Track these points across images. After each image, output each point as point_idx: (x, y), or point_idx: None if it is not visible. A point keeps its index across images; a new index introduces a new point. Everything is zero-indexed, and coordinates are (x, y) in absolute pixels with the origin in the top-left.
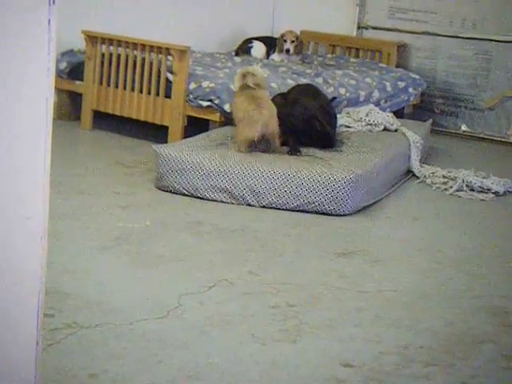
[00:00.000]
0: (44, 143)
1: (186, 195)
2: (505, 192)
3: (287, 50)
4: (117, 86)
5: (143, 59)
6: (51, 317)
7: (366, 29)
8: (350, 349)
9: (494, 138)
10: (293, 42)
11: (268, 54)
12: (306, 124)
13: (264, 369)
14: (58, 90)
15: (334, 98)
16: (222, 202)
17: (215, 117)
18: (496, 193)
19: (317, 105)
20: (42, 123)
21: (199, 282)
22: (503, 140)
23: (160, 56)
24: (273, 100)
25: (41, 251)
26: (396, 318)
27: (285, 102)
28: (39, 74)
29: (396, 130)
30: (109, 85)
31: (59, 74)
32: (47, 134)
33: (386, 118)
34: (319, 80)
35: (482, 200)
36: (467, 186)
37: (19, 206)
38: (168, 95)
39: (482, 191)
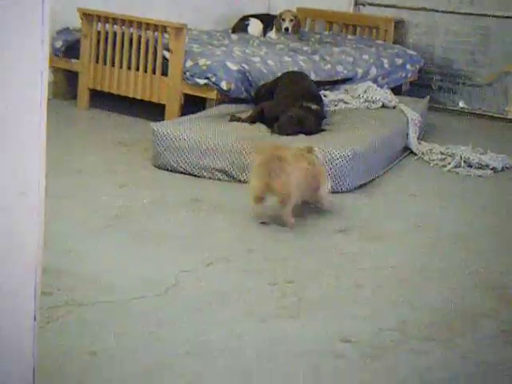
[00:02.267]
0: (39, 116)
1: (184, 173)
2: (502, 168)
3: (286, 29)
4: (113, 65)
5: (139, 37)
6: (49, 295)
7: (363, 5)
8: (349, 325)
9: (492, 115)
10: (291, 21)
11: (265, 32)
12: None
13: (262, 345)
14: (54, 69)
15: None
16: (220, 180)
17: (212, 95)
18: (494, 169)
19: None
20: (37, 96)
21: (197, 259)
22: (501, 116)
23: (156, 34)
24: (258, 92)
25: (37, 227)
26: (394, 294)
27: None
28: (34, 46)
29: (394, 107)
30: (105, 63)
31: (55, 52)
32: (42, 108)
33: (384, 95)
34: (316, 57)
35: (479, 176)
36: (465, 162)
37: (14, 181)
38: (165, 73)
39: (479, 167)
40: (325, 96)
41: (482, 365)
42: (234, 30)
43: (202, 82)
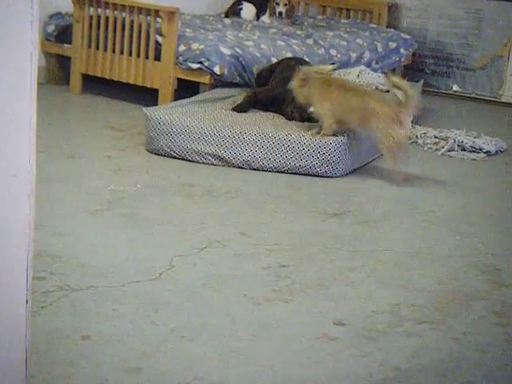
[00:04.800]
0: (29, 98)
1: (177, 158)
2: (496, 151)
3: (280, 13)
4: (106, 49)
5: (132, 21)
6: (43, 279)
7: None
8: (342, 308)
9: (486, 98)
10: (285, 5)
11: (258, 16)
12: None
13: (256, 328)
14: (46, 54)
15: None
16: (213, 165)
17: (205, 79)
18: (487, 152)
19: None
20: (26, 78)
21: (191, 243)
22: (495, 99)
23: (149, 18)
24: (259, 76)
25: (28, 209)
26: (388, 277)
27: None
28: (22, 27)
29: (387, 91)
30: (98, 48)
31: (47, 37)
32: (32, 89)
33: (377, 79)
34: (310, 41)
35: (473, 160)
36: (459, 145)
37: (4, 163)
38: (157, 58)
39: (473, 151)
40: None
41: (474, 346)
42: (226, 15)
43: (194, 66)
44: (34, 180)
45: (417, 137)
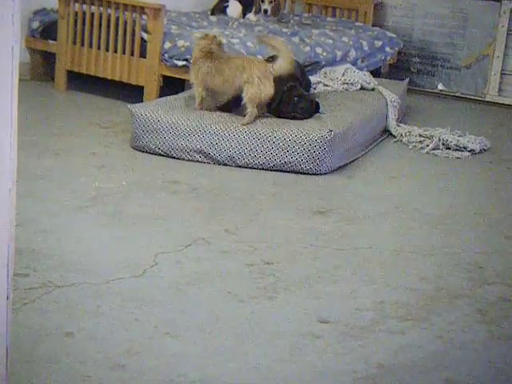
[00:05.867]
0: (10, 92)
1: (162, 155)
2: (480, 150)
3: (265, 11)
4: (91, 46)
5: (117, 18)
6: (26, 276)
7: None
8: (327, 305)
9: (470, 97)
10: (271, 2)
11: (244, 14)
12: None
13: (241, 326)
14: (31, 50)
15: (316, 63)
16: (198, 162)
17: None
18: (472, 151)
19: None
20: (7, 72)
21: (175, 240)
22: (479, 98)
23: (134, 15)
24: None
25: (9, 205)
26: (372, 275)
27: None
28: (4, 20)
29: (373, 89)
30: (83, 44)
31: (32, 33)
32: (13, 83)
33: (363, 77)
34: (296, 39)
35: (457, 158)
36: (443, 144)
37: None
38: (143, 55)
39: (458, 149)
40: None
41: (458, 344)
42: (212, 12)
43: (180, 63)
44: (15, 176)
45: (402, 135)
